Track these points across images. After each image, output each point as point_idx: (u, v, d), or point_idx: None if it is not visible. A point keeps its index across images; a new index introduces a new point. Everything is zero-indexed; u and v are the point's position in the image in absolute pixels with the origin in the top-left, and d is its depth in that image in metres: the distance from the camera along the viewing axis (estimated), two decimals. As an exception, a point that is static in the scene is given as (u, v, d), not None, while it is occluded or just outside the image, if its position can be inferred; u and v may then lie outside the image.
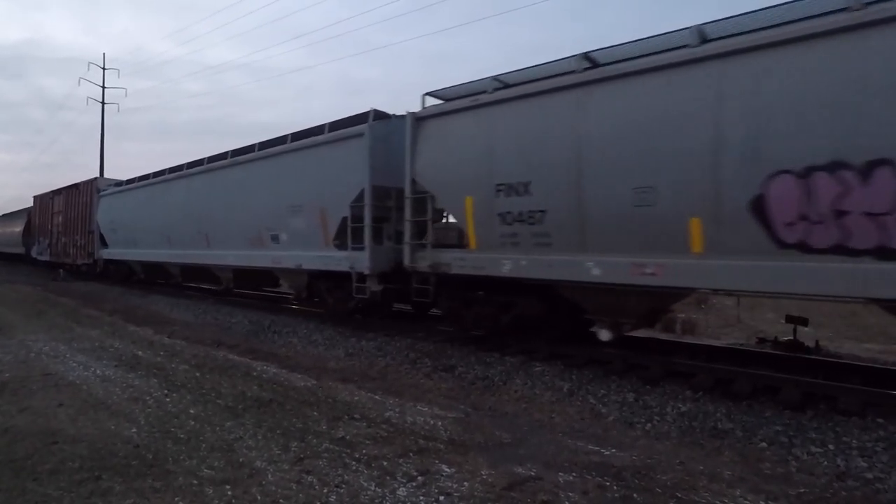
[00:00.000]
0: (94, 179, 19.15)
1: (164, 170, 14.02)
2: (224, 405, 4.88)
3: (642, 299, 5.59)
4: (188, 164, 12.88)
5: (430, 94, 7.45)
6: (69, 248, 20.84)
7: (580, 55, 5.78)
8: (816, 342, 6.85)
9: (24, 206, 31.83)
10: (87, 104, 35.37)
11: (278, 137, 10.01)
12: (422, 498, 3.11)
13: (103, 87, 34.06)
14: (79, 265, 20.32)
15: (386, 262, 7.99)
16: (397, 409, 4.79)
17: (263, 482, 3.28)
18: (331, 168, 8.54)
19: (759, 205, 4.54)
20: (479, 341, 7.33)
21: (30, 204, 29.72)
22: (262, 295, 13.86)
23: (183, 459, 3.63)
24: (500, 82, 6.58)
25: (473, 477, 3.39)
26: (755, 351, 6.63)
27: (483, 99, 6.58)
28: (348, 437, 4.07)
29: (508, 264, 6.30)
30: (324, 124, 8.90)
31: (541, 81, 6.09)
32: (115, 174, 23.57)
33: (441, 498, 3.11)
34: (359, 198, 8.01)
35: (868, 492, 3.41)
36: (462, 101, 6.92)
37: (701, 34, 4.95)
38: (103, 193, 17.76)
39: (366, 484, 3.27)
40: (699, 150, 4.83)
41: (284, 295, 13.28)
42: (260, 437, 4.05)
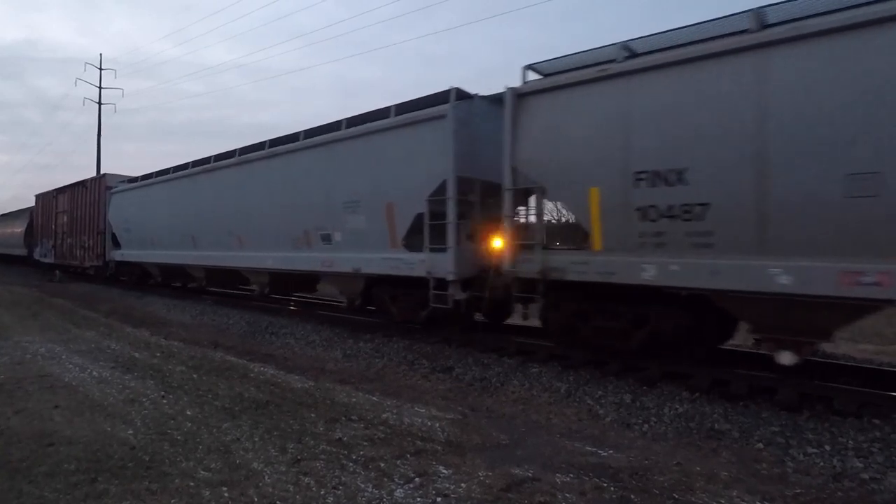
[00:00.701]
0: (103, 176, 17.73)
1: (187, 163, 12.82)
2: (221, 406, 4.87)
3: (841, 314, 4.54)
4: (216, 156, 11.76)
5: (531, 66, 6.33)
6: (76, 250, 19.56)
7: (753, 11, 4.73)
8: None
9: (20, 207, 31.51)
10: (84, 105, 35.29)
11: (329, 124, 8.89)
12: (419, 499, 3.11)
13: (100, 87, 34.01)
14: (87, 268, 18.97)
15: (469, 266, 7.01)
16: (395, 411, 4.79)
17: (260, 484, 3.28)
18: (400, 157, 7.48)
19: None
20: (476, 342, 7.33)
21: (28, 204, 29.36)
22: (262, 295, 13.60)
23: (179, 461, 3.62)
24: (630, 50, 5.54)
25: (471, 478, 3.39)
26: (752, 352, 6.63)
27: (615, 69, 5.47)
28: (346, 438, 4.07)
29: (651, 270, 5.23)
30: (388, 107, 7.85)
31: (699, 45, 5.03)
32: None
33: (438, 499, 3.11)
34: (439, 190, 6.96)
35: (864, 492, 3.42)
36: (581, 72, 5.79)
37: None
38: (115, 191, 16.51)
39: (363, 485, 3.27)
40: None
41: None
42: (257, 439, 4.04)
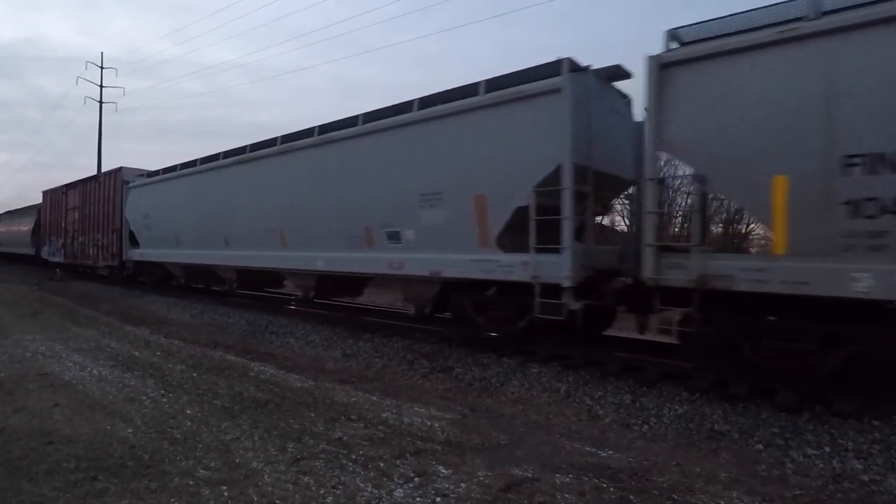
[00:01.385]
0: (119, 169, 16.36)
1: (217, 154, 11.67)
2: (221, 406, 4.87)
3: None
4: (252, 145, 10.61)
5: (674, 31, 5.38)
6: (88, 249, 18.33)
7: None
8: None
9: (20, 206, 31.30)
10: (85, 104, 35.32)
11: (395, 105, 7.79)
12: (419, 499, 3.11)
13: (101, 86, 34.02)
14: (101, 268, 17.81)
15: (584, 270, 5.96)
16: (394, 411, 4.79)
17: (260, 483, 3.28)
18: (495, 140, 6.41)
19: None
20: (476, 341, 7.32)
21: (30, 203, 28.71)
22: (258, 295, 13.64)
23: (179, 460, 3.62)
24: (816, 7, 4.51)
25: (470, 478, 3.39)
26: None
27: (809, 28, 4.44)
28: (345, 438, 4.07)
29: (866, 280, 4.18)
30: (474, 83, 6.78)
31: None
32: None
33: (438, 499, 3.11)
34: (549, 179, 5.92)
35: (864, 494, 3.42)
36: (757, 34, 4.76)
37: None
38: (132, 185, 15.34)
39: (362, 485, 3.27)
40: None
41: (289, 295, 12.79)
42: (257, 438, 4.04)
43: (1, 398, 5.03)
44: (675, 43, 5.39)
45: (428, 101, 7.35)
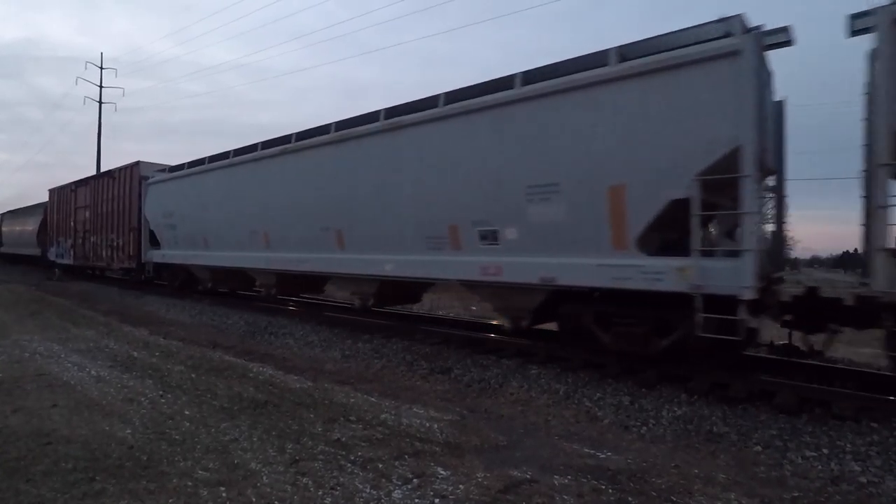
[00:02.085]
0: (136, 164, 15.11)
1: (255, 144, 10.36)
2: (219, 406, 4.87)
3: None
4: (299, 134, 9.36)
5: None
6: (101, 250, 17.05)
7: None
8: (811, 346, 6.86)
9: (21, 205, 30.88)
10: (85, 104, 35.31)
11: (491, 82, 6.57)
12: (417, 500, 3.11)
13: (101, 86, 34.02)
14: (116, 270, 16.76)
15: (760, 280, 4.90)
16: (393, 412, 4.79)
17: (258, 484, 3.28)
18: (639, 119, 5.25)
19: None
20: (475, 343, 7.32)
21: (29, 203, 28.17)
22: (256, 296, 13.27)
23: (178, 461, 3.62)
24: None
25: (469, 479, 3.38)
26: (751, 355, 6.64)
27: None
28: (344, 439, 4.07)
29: None
30: (602, 51, 5.64)
31: None
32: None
33: (436, 500, 3.11)
34: (721, 165, 4.82)
35: (862, 496, 3.42)
36: None
37: None
38: (152, 181, 14.07)
39: (361, 486, 3.27)
40: None
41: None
42: (255, 439, 4.04)
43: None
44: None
45: (535, 75, 6.09)
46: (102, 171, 17.10)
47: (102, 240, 16.97)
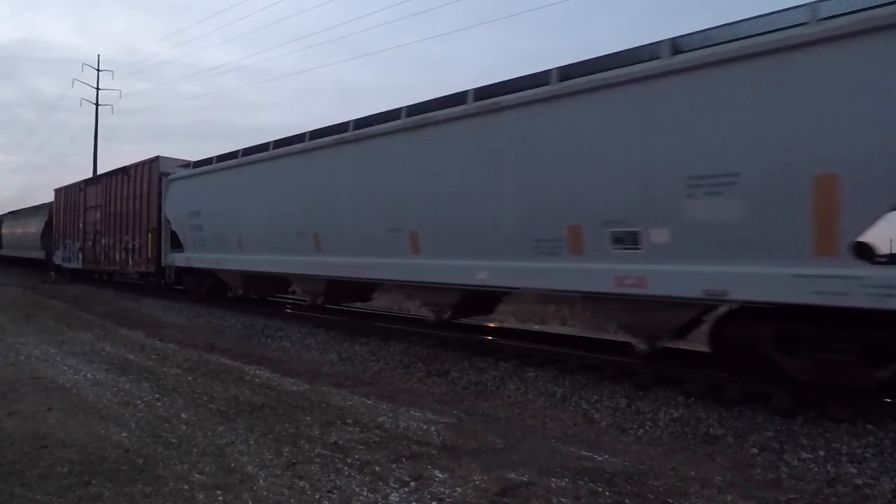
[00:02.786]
0: (155, 159, 13.99)
1: (303, 134, 9.06)
2: (216, 409, 4.85)
3: None
4: (356, 121, 8.11)
5: None
6: (114, 253, 15.92)
7: None
8: None
9: (16, 207, 30.20)
10: (81, 105, 35.28)
11: (626, 52, 5.41)
12: (414, 503, 3.11)
13: (97, 88, 33.96)
14: (131, 275, 15.83)
15: None
16: (390, 414, 4.78)
17: (255, 487, 3.27)
18: (860, 91, 4.10)
19: None
20: (472, 345, 7.32)
21: (26, 205, 27.56)
22: (255, 298, 12.62)
23: (174, 464, 3.60)
24: None
25: (466, 482, 3.38)
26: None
27: None
28: (341, 442, 4.06)
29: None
30: (795, 7, 4.47)
31: None
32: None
33: (434, 503, 3.11)
34: None
35: (858, 498, 3.43)
36: None
37: None
38: (174, 177, 12.82)
39: (358, 489, 3.26)
40: None
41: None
42: (252, 442, 4.03)
43: (-6, 402, 5.00)
44: None
45: (682, 44, 5.02)
46: (120, 166, 15.60)
47: (116, 242, 15.86)
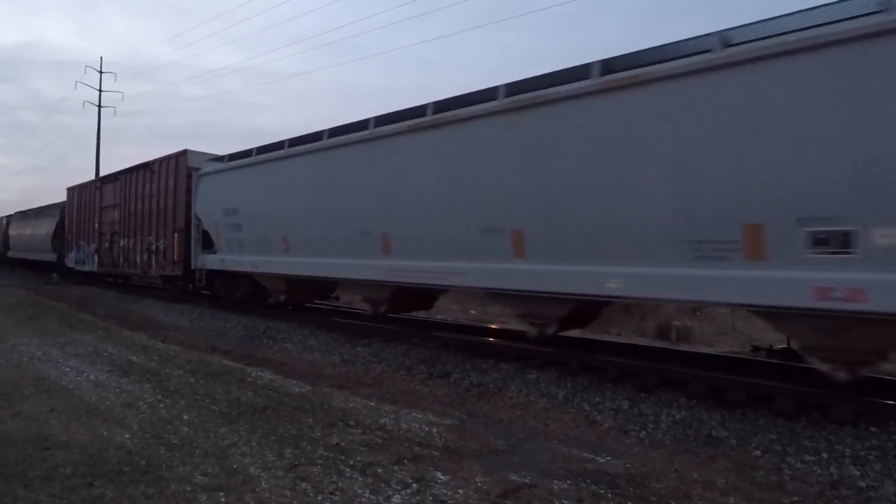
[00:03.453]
0: (182, 153, 12.91)
1: (367, 120, 7.99)
2: (218, 411, 4.86)
3: None
4: (436, 104, 7.06)
5: None
6: (134, 255, 14.85)
7: None
8: None
9: (18, 209, 29.48)
10: (84, 108, 35.31)
11: (817, 8, 4.47)
12: (416, 505, 3.11)
13: (100, 90, 34.04)
14: (155, 279, 14.88)
15: None
16: (392, 416, 4.78)
17: (257, 489, 3.27)
18: None
19: None
20: (474, 347, 7.32)
21: (26, 207, 27.03)
22: (256, 300, 12.11)
23: (176, 466, 3.61)
24: None
25: (468, 484, 3.38)
26: (749, 359, 6.65)
27: None
28: (343, 443, 4.06)
29: None
30: None
31: None
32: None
33: (435, 505, 3.11)
34: None
35: (861, 500, 3.43)
36: None
37: None
38: (205, 171, 11.72)
39: (360, 491, 3.26)
40: None
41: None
42: (254, 444, 4.03)
43: (-3, 403, 5.02)
44: None
45: None
46: (141, 162, 14.46)
47: (137, 243, 14.68)
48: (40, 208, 25.30)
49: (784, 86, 4.44)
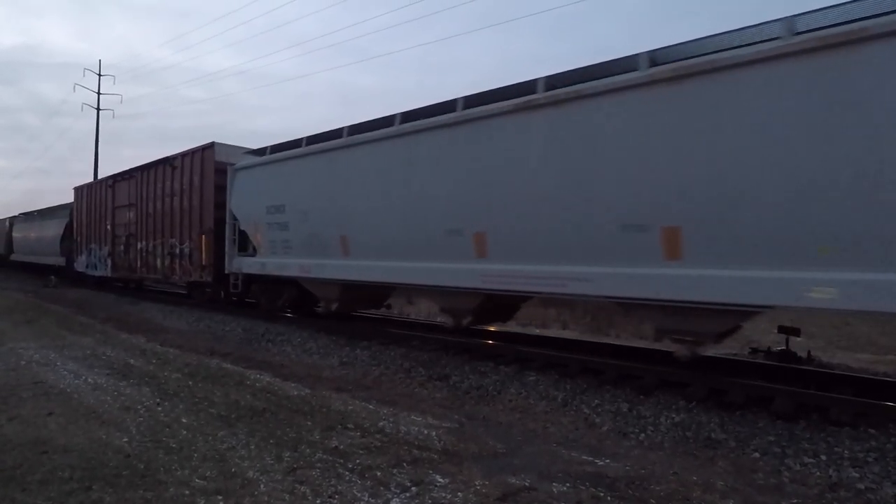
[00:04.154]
0: (209, 146, 11.82)
1: (455, 100, 6.93)
2: (217, 414, 4.85)
3: None
4: (547, 79, 6.03)
5: None
6: (154, 259, 13.72)
7: None
8: (809, 352, 6.89)
9: (17, 211, 28.98)
10: (83, 110, 35.30)
11: None
12: (415, 508, 3.10)
13: (98, 93, 34.02)
14: (179, 284, 13.76)
15: None
16: (391, 419, 4.78)
17: (256, 492, 3.26)
18: None
19: None
20: (473, 350, 7.32)
21: (29, 209, 26.44)
22: (253, 303, 11.95)
23: (175, 469, 3.60)
24: None
25: (467, 487, 3.38)
26: (748, 361, 6.66)
27: None
28: (342, 446, 4.05)
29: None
30: None
31: None
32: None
33: (435, 508, 3.10)
34: None
35: (860, 502, 3.43)
36: None
37: None
38: (243, 165, 10.59)
39: (359, 494, 3.26)
40: None
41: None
42: (253, 447, 4.02)
43: (-5, 407, 5.00)
44: None
45: None
46: (161, 157, 13.54)
47: (156, 246, 13.58)
48: (47, 209, 24.24)
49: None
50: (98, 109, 33.87)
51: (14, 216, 29.06)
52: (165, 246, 13.19)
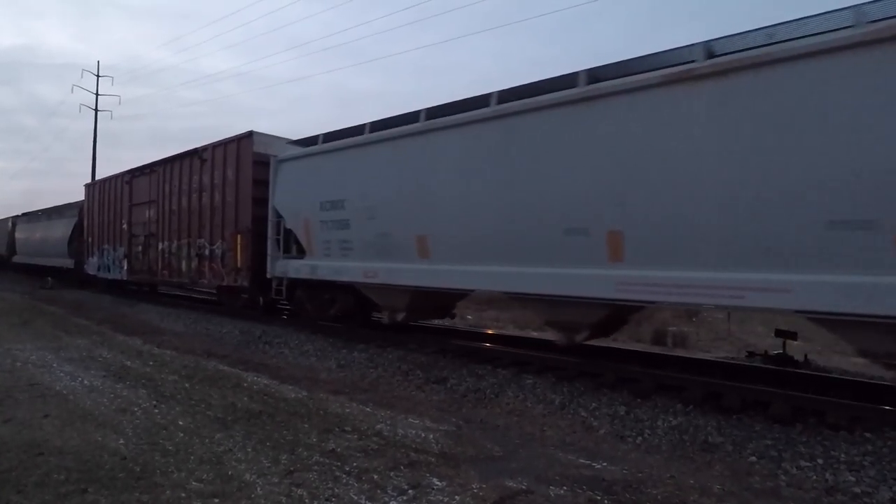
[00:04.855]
0: (248, 135, 10.44)
1: (574, 74, 5.83)
2: (213, 416, 4.84)
3: None
4: (707, 44, 4.98)
5: None
6: (178, 262, 12.50)
7: None
8: (805, 356, 6.91)
9: (14, 212, 28.21)
10: (80, 111, 35.24)
11: None
12: (412, 512, 3.10)
13: (97, 94, 33.96)
14: (208, 289, 12.76)
15: None
16: (388, 422, 4.77)
17: (253, 495, 3.25)
18: None
19: None
20: (471, 353, 7.31)
21: (21, 210, 25.98)
22: (252, 304, 11.93)
23: (171, 472, 3.59)
24: None
25: (464, 490, 3.37)
26: (745, 365, 6.67)
27: None
28: (339, 449, 4.05)
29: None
30: None
31: None
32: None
33: (432, 512, 3.10)
34: None
35: (856, 506, 3.43)
36: None
37: None
38: (288, 156, 9.41)
39: (356, 497, 3.25)
40: None
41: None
42: (249, 450, 4.01)
43: (-10, 409, 4.98)
44: None
45: None
46: (188, 149, 12.29)
47: (181, 247, 12.36)
48: (53, 208, 22.86)
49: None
50: (96, 110, 33.82)
51: (16, 216, 27.75)
52: (192, 247, 11.95)
